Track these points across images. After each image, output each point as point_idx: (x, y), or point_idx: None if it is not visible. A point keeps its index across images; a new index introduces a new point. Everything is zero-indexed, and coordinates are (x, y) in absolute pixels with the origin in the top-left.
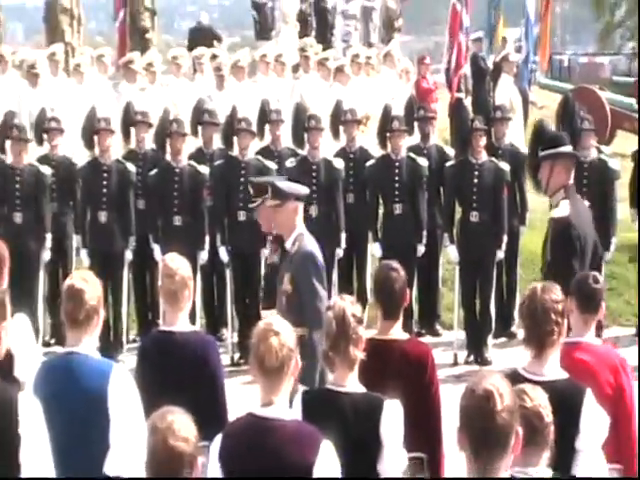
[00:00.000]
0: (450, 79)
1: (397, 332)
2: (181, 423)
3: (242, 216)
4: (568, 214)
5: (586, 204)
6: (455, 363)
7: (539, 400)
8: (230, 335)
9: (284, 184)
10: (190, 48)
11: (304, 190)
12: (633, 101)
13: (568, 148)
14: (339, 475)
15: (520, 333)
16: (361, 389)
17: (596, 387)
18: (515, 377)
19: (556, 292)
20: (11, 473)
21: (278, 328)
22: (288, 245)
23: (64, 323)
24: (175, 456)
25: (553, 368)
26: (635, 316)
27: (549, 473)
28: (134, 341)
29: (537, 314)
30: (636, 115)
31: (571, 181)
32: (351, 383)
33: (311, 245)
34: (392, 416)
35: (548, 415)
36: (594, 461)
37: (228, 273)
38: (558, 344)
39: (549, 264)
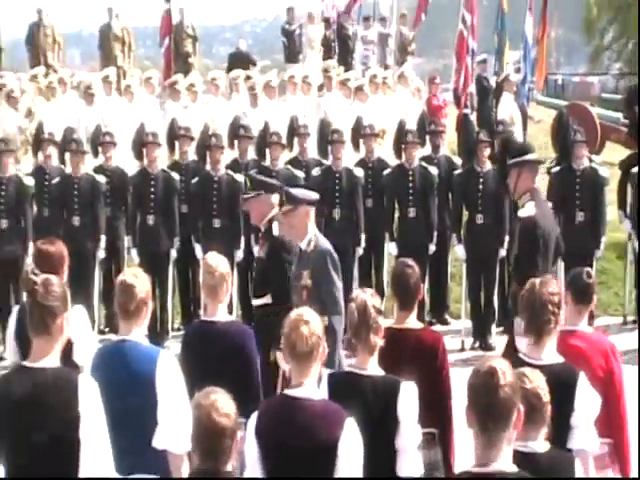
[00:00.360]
0: (458, 97)
1: (412, 322)
2: (223, 401)
3: None
4: (534, 214)
5: (549, 205)
6: (462, 349)
7: (538, 382)
8: None
9: (297, 191)
10: (229, 71)
11: (315, 196)
12: (620, 115)
13: (533, 156)
14: (361, 449)
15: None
16: (380, 372)
17: (589, 370)
18: (516, 361)
19: (553, 286)
20: (72, 447)
21: (308, 318)
22: (303, 246)
23: (117, 314)
24: (218, 430)
25: (550, 353)
26: (622, 306)
27: (547, 446)
28: (178, 329)
29: (536, 306)
30: (622, 128)
31: (536, 185)
32: (372, 367)
33: (326, 244)
34: (408, 396)
35: (545, 395)
36: (587, 436)
37: None
38: (555, 332)
39: (516, 257)
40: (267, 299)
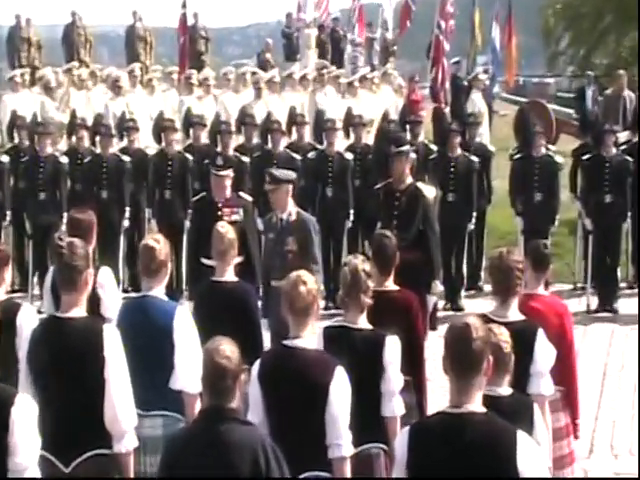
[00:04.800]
0: (434, 93)
1: (390, 285)
2: (226, 346)
3: None
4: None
5: None
6: (435, 310)
7: (503, 336)
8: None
9: (279, 172)
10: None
11: (293, 175)
12: (572, 111)
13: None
14: (349, 392)
15: (486, 287)
16: (369, 326)
17: (546, 327)
18: (484, 319)
19: (517, 255)
20: (99, 386)
21: (306, 279)
22: (284, 216)
23: (140, 274)
24: (220, 370)
25: (514, 312)
26: (573, 275)
27: (509, 391)
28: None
29: (503, 272)
30: (574, 122)
31: None
32: (362, 322)
33: (308, 215)
34: (392, 347)
35: (509, 347)
36: (544, 383)
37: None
38: (518, 294)
39: None
40: None
